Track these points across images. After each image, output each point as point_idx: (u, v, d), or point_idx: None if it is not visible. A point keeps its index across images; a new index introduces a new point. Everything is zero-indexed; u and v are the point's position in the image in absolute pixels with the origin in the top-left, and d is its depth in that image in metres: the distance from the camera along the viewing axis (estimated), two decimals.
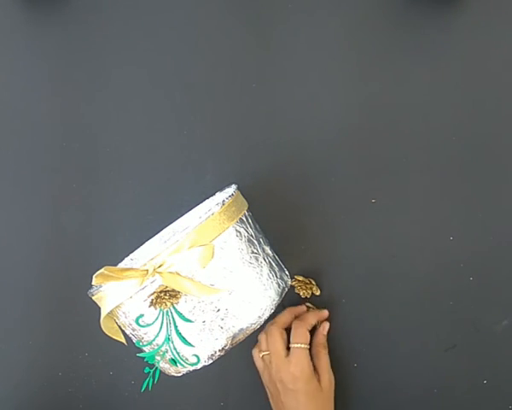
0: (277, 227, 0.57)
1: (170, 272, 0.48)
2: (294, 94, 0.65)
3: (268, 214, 0.58)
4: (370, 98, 0.65)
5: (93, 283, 0.46)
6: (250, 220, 0.54)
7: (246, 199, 0.56)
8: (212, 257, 0.48)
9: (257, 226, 0.55)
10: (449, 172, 0.64)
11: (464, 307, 0.63)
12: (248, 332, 0.51)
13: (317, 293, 0.63)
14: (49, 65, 0.66)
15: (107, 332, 0.52)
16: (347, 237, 0.64)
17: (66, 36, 0.67)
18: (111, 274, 0.46)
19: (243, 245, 0.51)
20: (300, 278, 0.62)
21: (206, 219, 0.48)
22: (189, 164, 0.65)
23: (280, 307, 0.54)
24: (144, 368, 0.52)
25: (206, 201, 0.59)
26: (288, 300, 0.63)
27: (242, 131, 0.65)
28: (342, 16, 0.65)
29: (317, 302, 0.64)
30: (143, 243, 0.59)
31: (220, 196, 0.51)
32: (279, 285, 0.53)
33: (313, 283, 0.62)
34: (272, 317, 0.55)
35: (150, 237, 0.60)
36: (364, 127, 0.64)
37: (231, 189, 0.53)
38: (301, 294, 0.62)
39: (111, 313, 0.51)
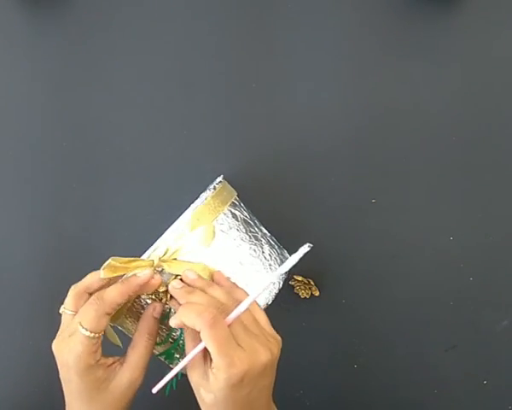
0: (277, 227, 0.57)
1: (174, 259, 0.49)
2: (294, 94, 0.65)
3: (268, 214, 0.58)
4: (370, 98, 0.65)
5: (101, 276, 0.46)
6: (242, 204, 0.55)
7: (245, 199, 0.56)
8: (214, 236, 0.50)
9: (249, 211, 0.56)
10: (449, 172, 0.64)
11: (464, 307, 0.63)
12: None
13: (317, 293, 0.63)
14: (48, 65, 0.66)
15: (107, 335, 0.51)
16: (347, 237, 0.64)
17: (67, 36, 0.67)
18: (118, 265, 0.46)
19: (241, 226, 0.52)
20: (300, 279, 0.62)
21: (201, 203, 0.50)
22: (188, 164, 0.65)
23: (280, 308, 0.54)
24: (164, 370, 0.52)
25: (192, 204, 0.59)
26: (288, 300, 0.63)
27: (242, 131, 0.65)
28: (342, 16, 0.65)
29: (316, 303, 0.63)
30: (143, 243, 0.59)
31: (205, 193, 0.52)
32: (282, 261, 0.55)
33: (312, 283, 0.62)
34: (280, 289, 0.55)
35: (150, 237, 0.59)
36: (364, 127, 0.64)
37: (217, 179, 0.55)
38: (300, 294, 0.62)
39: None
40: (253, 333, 0.44)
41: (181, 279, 0.49)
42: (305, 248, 0.42)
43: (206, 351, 0.44)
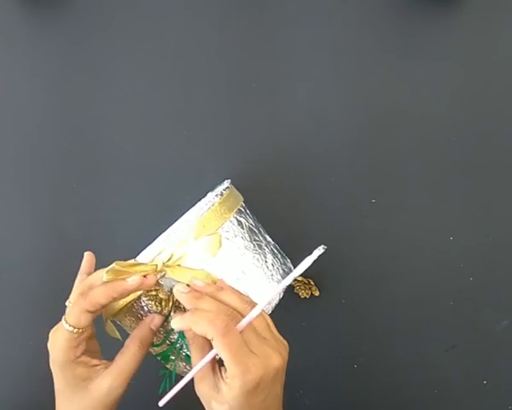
0: (277, 227, 0.57)
1: (178, 266, 0.48)
2: (294, 94, 0.65)
3: (268, 214, 0.58)
4: (370, 98, 0.65)
5: (104, 279, 0.45)
6: (248, 211, 0.55)
7: (246, 199, 0.56)
8: (221, 245, 0.49)
9: (254, 218, 0.55)
10: (449, 173, 0.64)
11: (464, 307, 0.63)
12: None
13: (317, 293, 0.63)
14: (49, 65, 0.66)
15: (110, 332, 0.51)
16: (347, 237, 0.64)
17: (67, 36, 0.67)
18: (122, 269, 0.46)
19: (246, 234, 0.52)
20: (300, 279, 0.62)
21: (207, 210, 0.49)
22: (189, 164, 0.65)
23: (280, 308, 0.54)
24: (158, 371, 0.52)
25: (198, 203, 0.59)
26: (287, 300, 0.63)
27: (242, 131, 0.65)
28: (342, 16, 0.65)
29: (316, 303, 0.63)
30: (143, 243, 0.59)
31: (212, 195, 0.52)
32: (284, 271, 0.55)
33: (312, 283, 0.62)
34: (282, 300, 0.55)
35: (150, 237, 0.59)
36: (364, 127, 0.64)
37: (225, 183, 0.54)
38: (300, 294, 0.62)
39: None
40: (265, 338, 0.44)
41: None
42: (319, 251, 0.42)
43: (214, 363, 0.44)
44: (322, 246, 0.42)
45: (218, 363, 0.44)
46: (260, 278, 0.52)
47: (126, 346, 0.48)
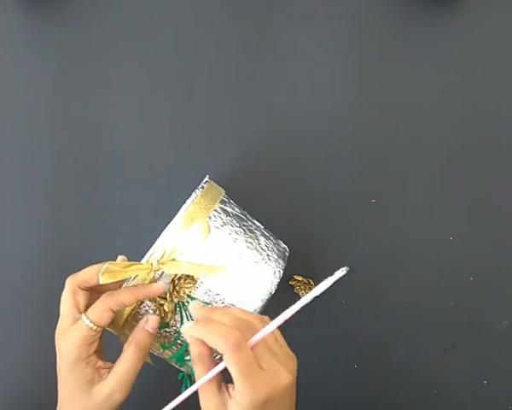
0: (277, 227, 0.57)
1: (172, 260, 0.49)
2: (294, 94, 0.65)
3: (267, 214, 0.58)
4: (370, 98, 0.65)
5: (101, 282, 0.45)
6: (233, 201, 0.55)
7: (245, 199, 0.56)
8: (210, 230, 0.50)
9: (240, 206, 0.56)
10: (449, 172, 0.64)
11: (464, 307, 0.63)
12: (265, 301, 0.52)
13: None
14: (49, 65, 0.66)
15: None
16: (347, 238, 0.64)
17: (67, 36, 0.67)
18: (118, 269, 0.46)
19: (234, 220, 0.53)
20: (299, 278, 0.62)
21: (191, 203, 0.50)
22: (188, 164, 0.65)
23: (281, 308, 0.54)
24: (178, 374, 0.52)
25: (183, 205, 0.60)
26: (287, 300, 0.63)
27: (242, 131, 0.65)
28: (342, 16, 0.65)
29: (316, 303, 0.63)
30: (143, 243, 0.59)
31: (194, 194, 0.53)
32: (279, 250, 0.55)
33: (312, 283, 0.62)
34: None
35: (150, 237, 0.59)
36: (364, 127, 0.64)
37: (204, 179, 0.55)
38: (300, 294, 0.62)
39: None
40: (275, 354, 0.43)
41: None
42: (342, 272, 0.42)
43: (219, 380, 0.43)
44: (346, 267, 0.41)
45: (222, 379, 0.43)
46: (257, 260, 0.52)
47: (123, 351, 0.48)
